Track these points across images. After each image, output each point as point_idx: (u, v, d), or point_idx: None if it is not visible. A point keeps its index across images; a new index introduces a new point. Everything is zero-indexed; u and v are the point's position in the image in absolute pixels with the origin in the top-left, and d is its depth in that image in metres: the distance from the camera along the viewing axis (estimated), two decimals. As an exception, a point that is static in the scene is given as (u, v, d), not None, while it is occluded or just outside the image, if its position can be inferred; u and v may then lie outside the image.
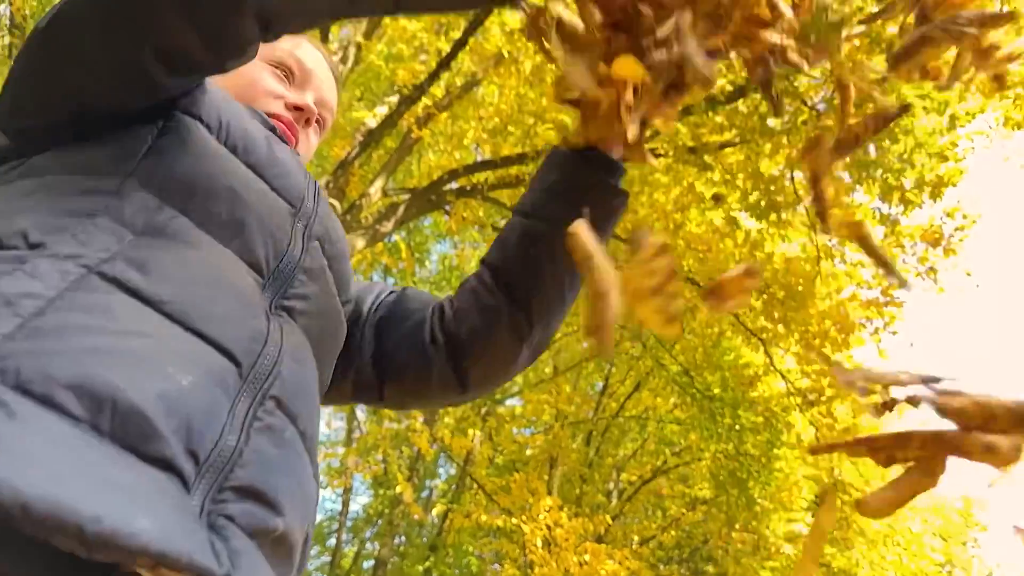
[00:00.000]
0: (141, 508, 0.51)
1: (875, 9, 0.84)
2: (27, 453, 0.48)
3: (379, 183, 8.28)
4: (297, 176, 0.88)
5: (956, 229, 6.19)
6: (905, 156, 5.03)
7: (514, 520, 8.06)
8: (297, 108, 1.00)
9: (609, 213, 0.89)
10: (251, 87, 0.98)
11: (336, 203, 7.02)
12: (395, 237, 9.74)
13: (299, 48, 1.04)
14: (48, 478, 0.48)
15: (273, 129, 0.94)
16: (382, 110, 8.50)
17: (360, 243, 7.50)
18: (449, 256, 13.02)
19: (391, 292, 1.05)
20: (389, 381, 0.98)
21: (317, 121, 1.05)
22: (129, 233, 0.67)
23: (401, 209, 7.74)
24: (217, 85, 0.87)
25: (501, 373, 0.97)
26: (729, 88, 5.94)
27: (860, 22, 0.80)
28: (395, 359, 0.97)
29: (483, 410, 10.82)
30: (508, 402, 12.04)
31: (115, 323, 0.59)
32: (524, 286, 0.91)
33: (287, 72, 1.03)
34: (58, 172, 0.73)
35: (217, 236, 0.74)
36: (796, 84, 5.96)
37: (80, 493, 0.48)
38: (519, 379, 12.68)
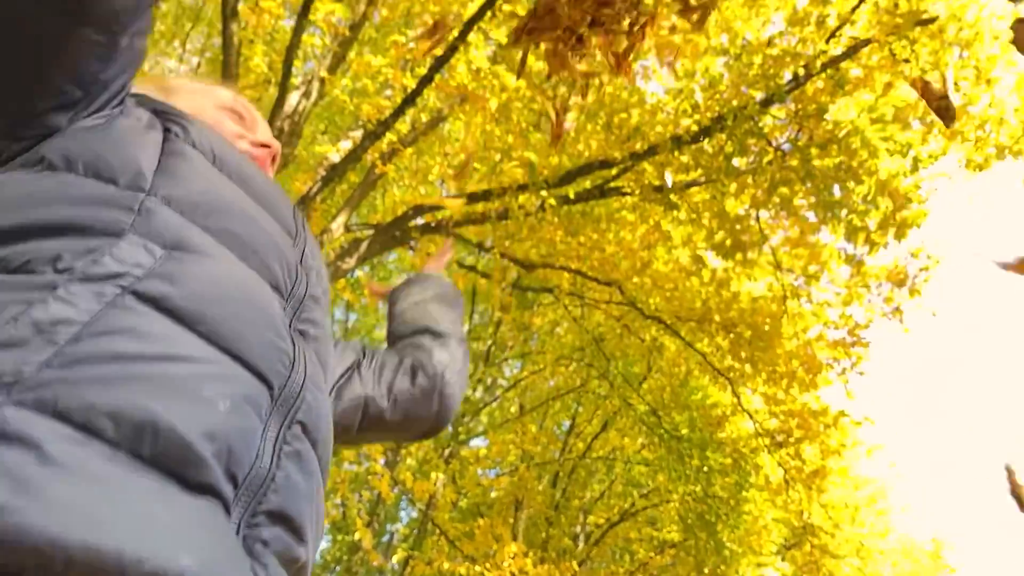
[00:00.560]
0: (184, 545, 0.51)
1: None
2: (65, 498, 0.48)
3: (342, 218, 8.11)
4: (287, 207, 0.90)
5: (920, 269, 6.23)
6: (869, 198, 5.02)
7: (477, 568, 7.78)
8: (263, 145, 1.05)
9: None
10: (217, 129, 0.98)
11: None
12: (357, 272, 9.55)
13: (236, 96, 1.10)
14: (88, 523, 0.48)
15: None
16: (346, 145, 8.37)
17: (321, 279, 7.31)
18: (414, 293, 12.83)
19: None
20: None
21: (273, 158, 1.09)
22: (159, 248, 0.67)
23: (364, 245, 7.57)
24: None
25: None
26: (694, 128, 5.92)
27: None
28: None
29: (447, 452, 10.56)
30: (473, 443, 11.79)
31: (152, 346, 0.59)
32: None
33: (239, 115, 1.07)
34: (74, 172, 0.71)
35: (239, 255, 0.74)
36: (761, 124, 5.97)
37: (122, 535, 0.48)
38: (484, 418, 12.44)
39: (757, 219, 6.76)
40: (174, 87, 1.06)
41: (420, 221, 8.09)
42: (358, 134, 8.41)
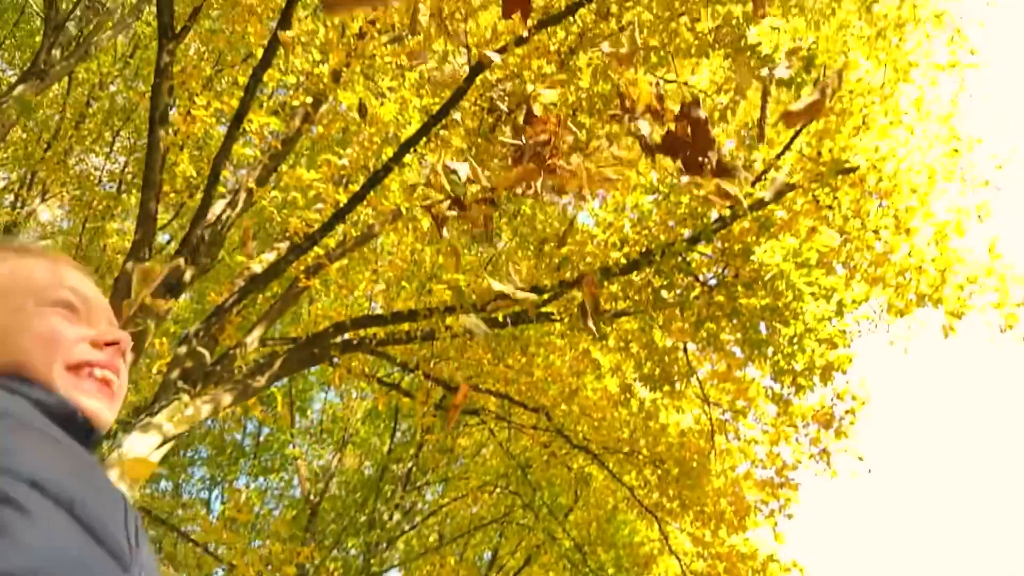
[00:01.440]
0: None
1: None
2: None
3: (258, 331, 7.71)
4: (119, 520, 0.73)
5: (846, 412, 6.21)
6: (795, 340, 5.01)
7: None
8: (109, 343, 0.91)
9: None
10: (51, 343, 0.85)
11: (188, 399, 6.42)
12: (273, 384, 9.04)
13: (64, 279, 0.93)
14: None
15: (86, 425, 0.84)
16: (270, 256, 8.09)
17: (227, 399, 6.81)
18: (334, 405, 12.27)
19: None
20: None
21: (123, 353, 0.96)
22: None
23: (278, 363, 7.15)
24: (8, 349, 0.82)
25: None
26: (623, 261, 5.91)
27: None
28: None
29: (359, 585, 9.78)
30: (388, 575, 10.98)
31: None
32: None
33: (71, 309, 0.91)
34: None
35: None
36: (689, 260, 6.01)
37: None
38: (400, 547, 11.68)
39: (685, 351, 6.71)
40: None
41: (344, 336, 7.77)
42: (284, 245, 8.17)
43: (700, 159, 2.83)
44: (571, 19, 5.19)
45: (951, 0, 4.56)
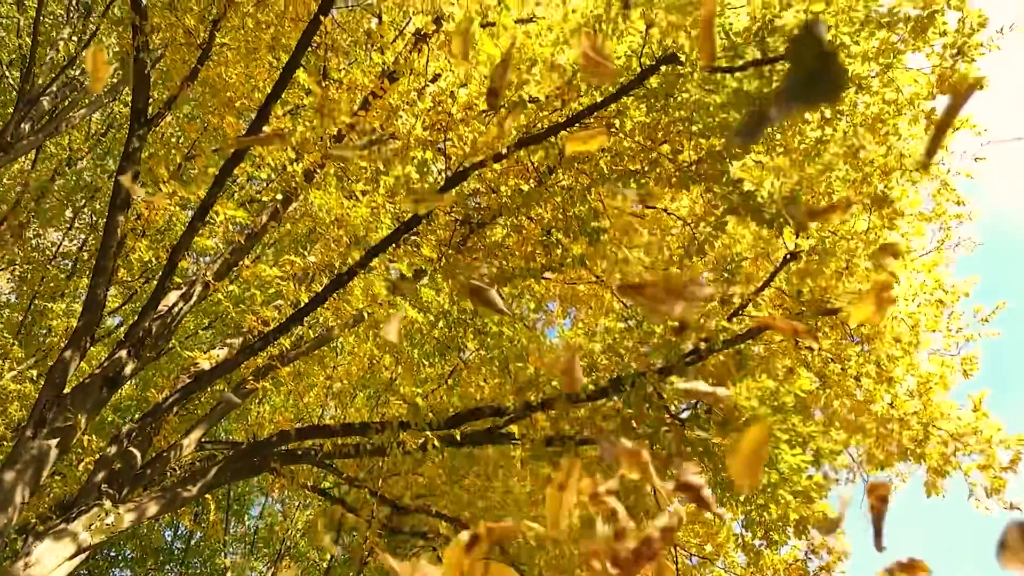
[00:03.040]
0: None
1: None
2: None
3: (196, 433, 7.16)
4: None
5: (821, 569, 5.80)
6: (769, 490, 4.67)
7: None
8: None
9: None
10: None
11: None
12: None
13: None
14: None
15: None
16: (221, 352, 7.65)
17: (152, 508, 6.20)
18: (273, 513, 11.45)
19: None
20: None
21: None
22: None
23: (213, 471, 6.58)
24: None
25: None
26: (591, 387, 5.60)
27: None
28: None
29: None
30: None
31: None
32: None
33: None
34: None
35: None
36: (660, 392, 5.72)
37: None
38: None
39: (653, 489, 6.30)
40: None
41: (287, 447, 7.24)
42: (237, 342, 7.75)
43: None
44: (551, 140, 5.09)
45: (939, 149, 4.55)
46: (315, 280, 7.39)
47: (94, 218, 10.84)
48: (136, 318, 6.81)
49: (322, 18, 5.74)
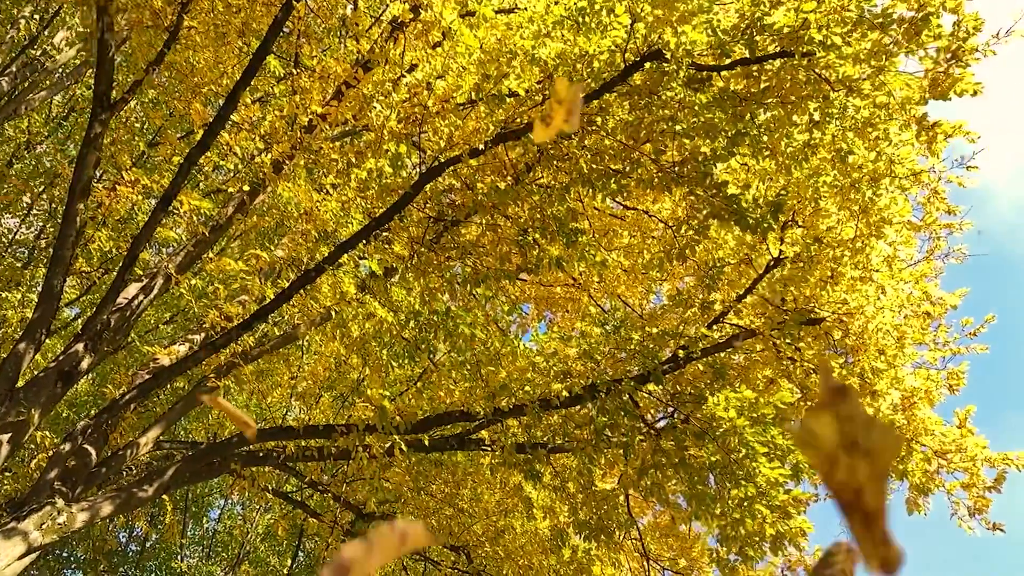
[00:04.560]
0: None
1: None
2: None
3: (154, 432, 6.84)
4: None
5: (797, 585, 5.67)
6: (745, 504, 4.50)
7: None
8: None
9: None
10: None
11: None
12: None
13: None
14: None
15: None
16: (181, 347, 7.34)
17: (106, 508, 5.89)
18: (234, 515, 11.10)
19: None
20: None
21: None
22: None
23: (170, 472, 6.28)
24: None
25: None
26: (565, 394, 5.41)
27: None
28: None
29: None
30: None
31: None
32: None
33: None
34: None
35: None
36: (636, 400, 5.54)
37: None
38: None
39: (626, 498, 6.13)
40: None
41: (248, 448, 6.95)
42: (198, 338, 7.44)
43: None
44: (529, 136, 4.90)
45: (930, 156, 4.44)
46: (282, 275, 7.12)
47: (53, 205, 10.43)
48: (94, 310, 6.49)
49: (295, 3, 5.50)
